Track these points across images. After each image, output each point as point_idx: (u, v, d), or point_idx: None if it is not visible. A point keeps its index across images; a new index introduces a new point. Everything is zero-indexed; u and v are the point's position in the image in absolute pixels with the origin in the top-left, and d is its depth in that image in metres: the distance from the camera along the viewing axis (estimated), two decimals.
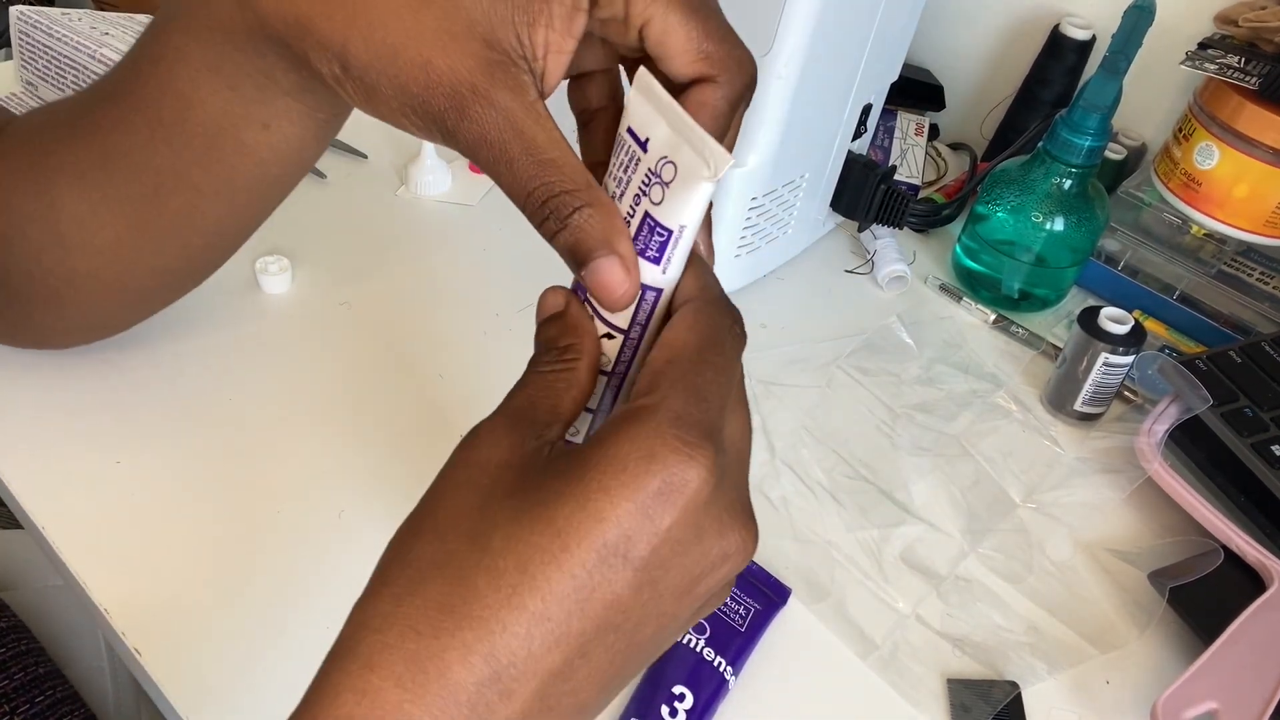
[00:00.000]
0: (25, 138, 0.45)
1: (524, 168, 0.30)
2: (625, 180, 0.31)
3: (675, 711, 0.44)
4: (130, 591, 0.47)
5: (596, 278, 0.30)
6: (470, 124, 0.30)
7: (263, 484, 0.52)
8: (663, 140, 0.29)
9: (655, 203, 0.30)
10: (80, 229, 0.44)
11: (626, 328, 0.32)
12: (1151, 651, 0.52)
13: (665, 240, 0.30)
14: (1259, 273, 0.70)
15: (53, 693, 0.61)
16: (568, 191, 0.30)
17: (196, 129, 0.40)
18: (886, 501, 0.57)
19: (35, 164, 0.44)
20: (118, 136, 0.41)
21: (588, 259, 0.30)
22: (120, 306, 0.50)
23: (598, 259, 0.30)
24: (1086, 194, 0.67)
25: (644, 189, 0.30)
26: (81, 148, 0.42)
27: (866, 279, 0.73)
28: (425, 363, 0.60)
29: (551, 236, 0.31)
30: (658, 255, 0.30)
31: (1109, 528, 0.58)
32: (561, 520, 0.26)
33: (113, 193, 0.43)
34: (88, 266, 0.45)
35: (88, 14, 0.71)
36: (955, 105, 0.89)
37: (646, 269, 0.31)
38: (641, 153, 0.30)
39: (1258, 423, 0.57)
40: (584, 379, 0.31)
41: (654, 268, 0.31)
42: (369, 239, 0.69)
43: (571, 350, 0.31)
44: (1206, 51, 0.68)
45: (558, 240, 0.31)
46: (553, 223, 0.30)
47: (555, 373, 0.31)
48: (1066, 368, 0.62)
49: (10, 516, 0.52)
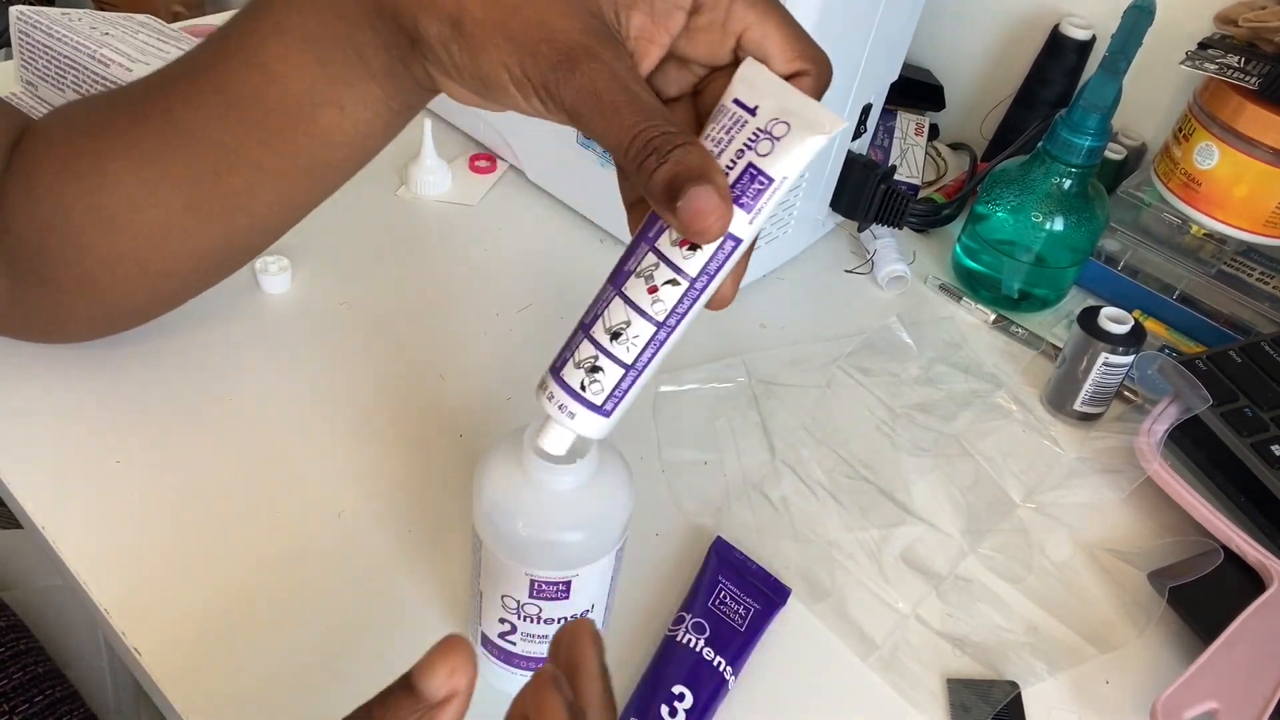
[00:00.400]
0: (73, 126, 0.46)
1: (629, 114, 0.32)
2: (725, 141, 0.33)
3: (675, 711, 0.44)
4: (130, 591, 0.47)
5: (692, 204, 0.30)
6: (580, 76, 0.33)
7: (263, 484, 0.52)
8: (776, 107, 0.33)
9: (761, 154, 0.32)
10: (130, 208, 0.44)
11: (696, 275, 0.33)
12: (1151, 651, 0.52)
13: (764, 188, 0.32)
14: (1259, 272, 0.70)
15: (52, 692, 0.61)
16: (670, 132, 0.32)
17: (273, 105, 0.41)
18: (886, 501, 0.57)
19: (86, 148, 0.44)
20: (187, 113, 0.42)
21: (685, 188, 0.31)
22: (152, 292, 0.50)
23: (695, 187, 0.30)
24: (1086, 194, 0.67)
25: (750, 144, 0.33)
26: (144, 128, 0.43)
27: (866, 279, 0.73)
28: (425, 363, 0.60)
29: (650, 174, 0.32)
30: (752, 202, 0.32)
31: (1109, 528, 0.58)
32: None
33: (171, 171, 0.43)
34: (131, 247, 0.46)
35: (88, 14, 0.71)
36: (955, 105, 0.89)
37: (738, 217, 0.32)
38: (749, 116, 0.33)
39: (1257, 422, 0.57)
40: None
41: (744, 215, 0.32)
42: (369, 239, 0.69)
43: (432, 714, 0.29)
44: (1206, 51, 0.68)
45: (657, 175, 0.31)
46: (654, 159, 0.31)
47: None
48: (1066, 368, 0.62)
49: (10, 516, 0.52)
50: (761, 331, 0.67)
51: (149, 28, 0.72)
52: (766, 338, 0.67)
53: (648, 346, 0.34)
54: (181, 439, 0.53)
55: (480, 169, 0.76)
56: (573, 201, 0.73)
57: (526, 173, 0.75)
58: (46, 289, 0.48)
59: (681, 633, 0.47)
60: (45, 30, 0.68)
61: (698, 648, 0.47)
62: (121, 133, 0.44)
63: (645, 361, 0.34)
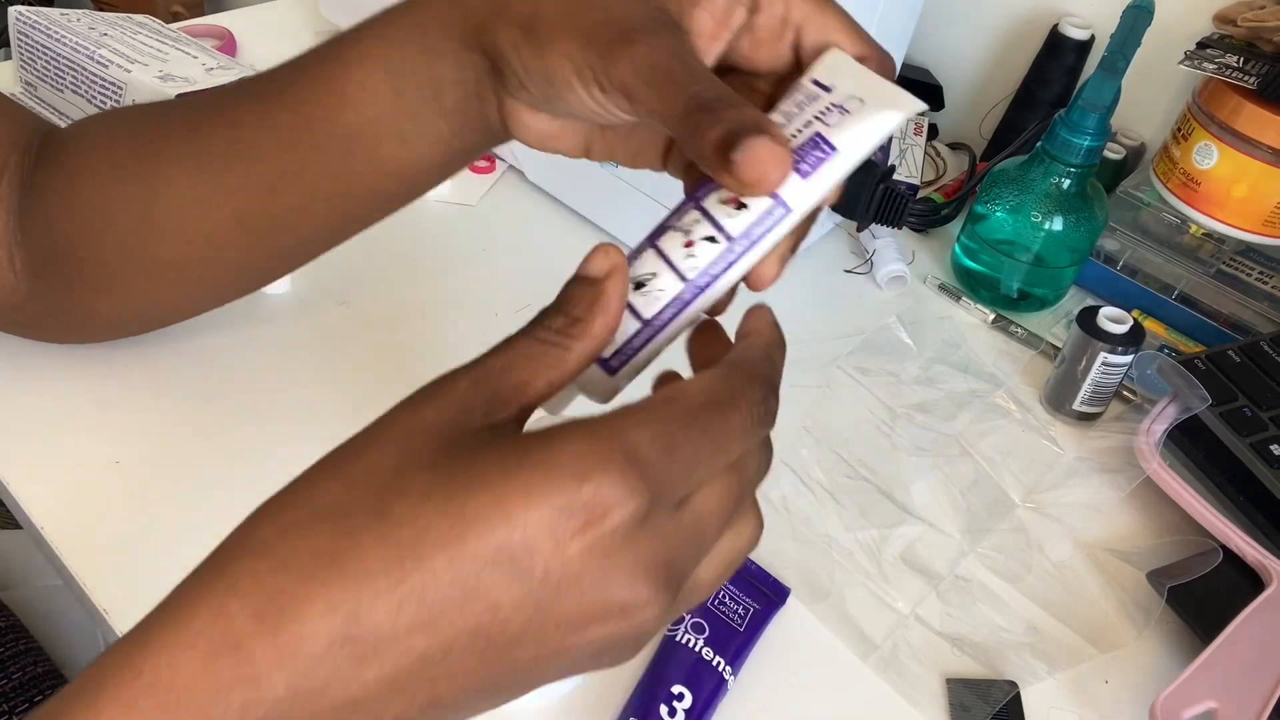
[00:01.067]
0: (127, 130, 0.46)
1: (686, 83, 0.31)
2: (795, 114, 0.33)
3: (674, 711, 0.45)
4: (130, 591, 0.47)
5: (750, 153, 0.29)
6: (638, 49, 0.32)
7: (263, 484, 0.52)
8: (853, 86, 0.33)
9: (829, 125, 0.31)
10: (179, 217, 0.45)
11: (737, 235, 0.31)
12: (1150, 651, 0.52)
13: (825, 157, 0.31)
14: (1258, 272, 0.70)
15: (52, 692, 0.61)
16: (726, 96, 0.31)
17: (340, 130, 0.41)
18: (886, 501, 0.57)
19: (142, 155, 0.45)
20: (253, 132, 0.42)
21: (740, 140, 0.29)
22: (185, 299, 0.50)
23: (751, 137, 0.29)
24: (1085, 194, 0.67)
25: (821, 117, 0.32)
26: (207, 139, 0.43)
27: (866, 279, 0.73)
28: (425, 363, 0.60)
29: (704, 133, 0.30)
30: (810, 169, 0.31)
31: (1108, 527, 0.58)
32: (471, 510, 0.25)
33: (226, 184, 0.43)
34: (171, 255, 0.46)
35: (87, 14, 0.71)
36: (954, 105, 0.89)
37: (793, 181, 0.31)
38: (824, 93, 0.33)
39: (1257, 422, 0.57)
40: (571, 365, 0.29)
41: (799, 180, 0.31)
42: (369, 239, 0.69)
43: (578, 327, 0.30)
44: (1205, 51, 0.68)
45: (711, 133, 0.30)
46: (708, 119, 0.30)
47: (546, 345, 0.29)
48: (1065, 367, 0.62)
49: (10, 516, 0.52)
50: None
51: (148, 28, 0.72)
52: None
53: (670, 304, 0.31)
54: (181, 439, 0.53)
55: (480, 169, 0.76)
56: (573, 201, 0.73)
57: (526, 173, 0.75)
58: (75, 288, 0.48)
59: (681, 633, 0.47)
60: (44, 31, 0.68)
61: (697, 648, 0.47)
62: (182, 140, 0.44)
63: (664, 321, 0.32)
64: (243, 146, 0.43)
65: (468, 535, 0.25)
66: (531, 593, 0.25)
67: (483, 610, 0.25)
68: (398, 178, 0.43)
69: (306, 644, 0.25)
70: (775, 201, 0.31)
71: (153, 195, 0.44)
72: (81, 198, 0.46)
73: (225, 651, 0.25)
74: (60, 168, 0.47)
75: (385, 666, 0.25)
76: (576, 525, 0.25)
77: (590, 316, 0.30)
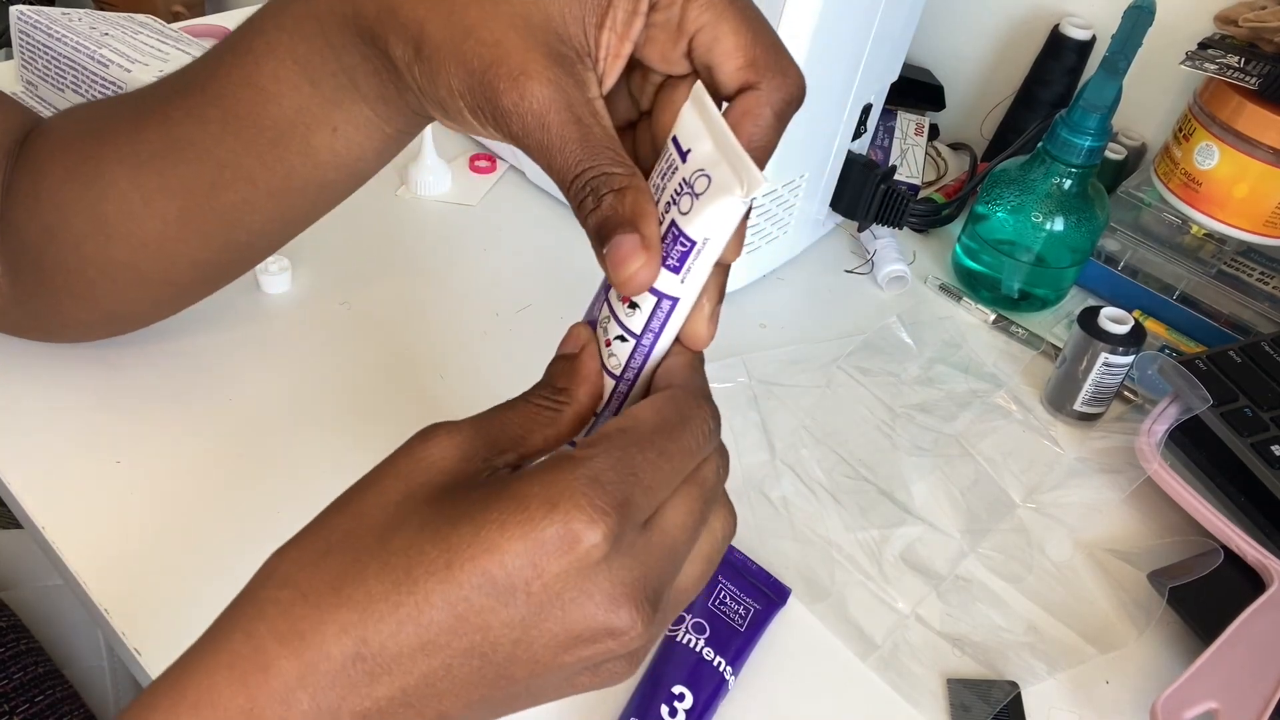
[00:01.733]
0: (78, 130, 0.46)
1: (575, 151, 0.31)
2: (662, 187, 0.32)
3: (675, 711, 0.44)
4: (130, 591, 0.47)
5: (615, 253, 0.30)
6: (531, 101, 0.31)
7: (263, 484, 0.52)
8: (704, 154, 0.30)
9: (683, 212, 0.30)
10: (128, 218, 0.44)
11: (639, 332, 0.32)
12: (1151, 651, 0.52)
13: (687, 251, 0.30)
14: (1259, 273, 0.70)
15: (52, 692, 0.61)
16: (610, 174, 0.31)
17: (268, 124, 0.40)
18: (886, 501, 0.57)
19: (90, 155, 0.44)
20: (187, 127, 0.42)
21: (611, 235, 0.30)
22: (152, 299, 0.50)
23: (620, 235, 0.30)
24: (1086, 194, 0.67)
25: (675, 198, 0.31)
26: (144, 138, 0.43)
27: (866, 279, 0.73)
28: (425, 363, 0.60)
29: (586, 216, 0.31)
30: (678, 265, 0.31)
31: (1109, 528, 0.58)
32: (455, 540, 0.27)
33: (169, 182, 0.43)
34: (128, 257, 0.46)
35: (88, 14, 0.71)
36: (955, 105, 0.89)
37: (666, 277, 0.31)
38: (680, 163, 0.31)
39: (1257, 423, 0.57)
40: (564, 426, 0.33)
41: (673, 277, 0.31)
42: (369, 239, 0.69)
43: (565, 395, 0.33)
44: (1206, 51, 0.68)
45: (590, 220, 0.31)
46: (590, 201, 0.31)
47: (539, 408, 0.32)
48: (1066, 368, 0.62)
49: (10, 516, 0.52)
50: (761, 331, 0.67)
51: (149, 28, 0.72)
52: (766, 338, 0.67)
53: (611, 397, 0.34)
54: (182, 439, 0.53)
55: (480, 169, 0.76)
56: None
57: (526, 173, 0.75)
58: (46, 291, 0.48)
59: (681, 633, 0.47)
60: (45, 30, 0.68)
61: (697, 648, 0.47)
62: (124, 140, 0.44)
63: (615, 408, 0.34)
64: (179, 143, 0.42)
65: (454, 562, 0.27)
66: (517, 614, 0.28)
67: (474, 631, 0.28)
68: (336, 167, 0.42)
69: (325, 663, 0.27)
70: (657, 297, 0.31)
71: (101, 197, 0.44)
72: (42, 202, 0.46)
73: (257, 671, 0.27)
74: (28, 170, 0.46)
75: (395, 683, 0.28)
76: (551, 550, 0.27)
77: (575, 386, 0.33)
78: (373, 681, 0.28)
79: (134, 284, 0.48)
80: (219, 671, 0.28)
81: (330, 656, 0.27)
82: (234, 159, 0.42)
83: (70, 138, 0.46)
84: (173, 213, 0.44)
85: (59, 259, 0.46)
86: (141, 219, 0.44)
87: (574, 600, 0.28)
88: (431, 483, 0.29)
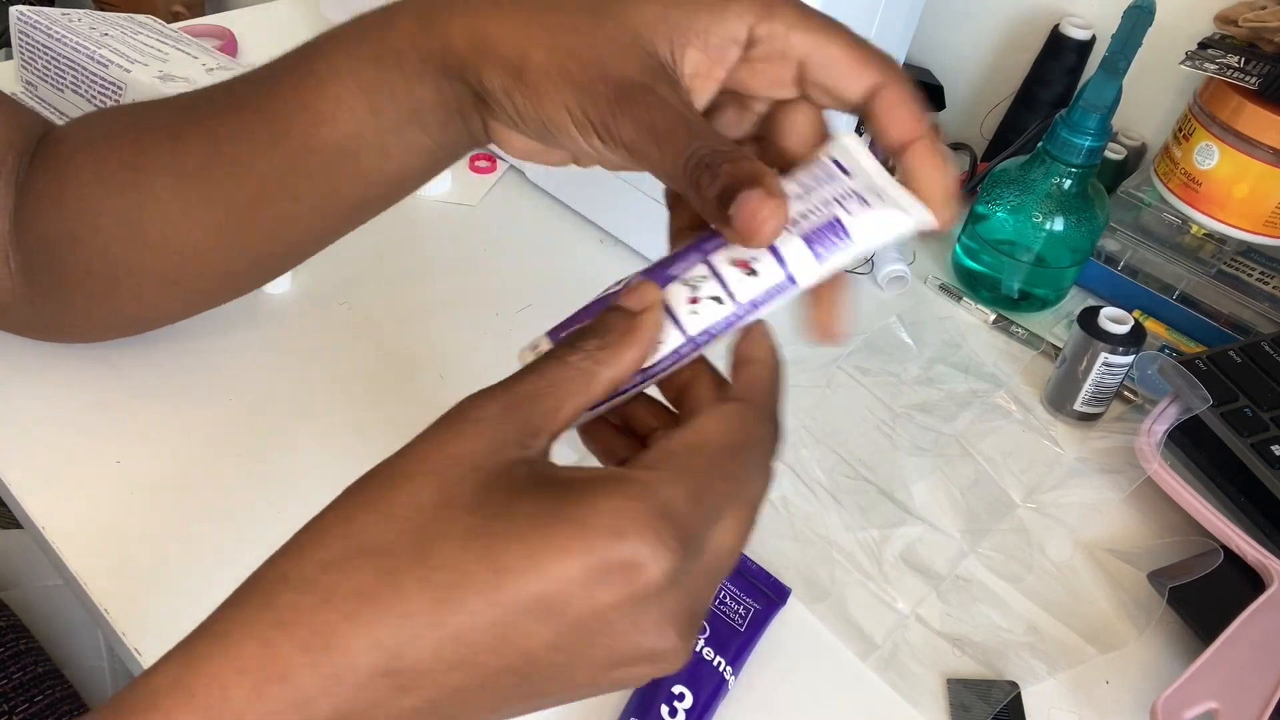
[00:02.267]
0: (108, 135, 0.46)
1: (682, 137, 0.32)
2: (813, 187, 0.33)
3: (675, 711, 0.44)
4: (130, 591, 0.47)
5: (744, 207, 0.30)
6: (637, 109, 0.33)
7: (263, 484, 0.52)
8: (869, 180, 0.33)
9: (849, 212, 0.32)
10: (165, 227, 0.44)
11: (745, 300, 0.32)
12: (1151, 651, 0.52)
13: (839, 243, 0.32)
14: (1259, 272, 0.70)
15: (52, 692, 0.61)
16: (721, 150, 0.31)
17: (319, 145, 0.41)
18: (886, 501, 0.57)
19: (126, 162, 0.44)
20: (235, 145, 0.42)
21: (736, 192, 0.30)
22: (175, 303, 0.50)
23: (746, 190, 0.30)
24: (1086, 194, 0.67)
25: (841, 201, 0.32)
26: (187, 150, 0.43)
27: (866, 279, 0.73)
28: (425, 363, 0.60)
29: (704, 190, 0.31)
30: (825, 251, 0.32)
31: (1109, 528, 0.58)
32: (508, 560, 0.26)
33: (211, 195, 0.43)
34: (160, 265, 0.46)
35: (88, 14, 0.71)
36: (955, 105, 0.88)
37: (806, 258, 0.32)
38: (844, 177, 0.33)
39: (1257, 423, 0.57)
40: (596, 391, 0.30)
41: (813, 261, 0.32)
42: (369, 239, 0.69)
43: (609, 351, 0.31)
44: (1206, 51, 0.68)
45: (710, 189, 0.31)
46: (706, 176, 0.31)
47: (574, 369, 0.30)
48: (1066, 368, 0.62)
49: (10, 516, 0.52)
50: None
51: (149, 28, 0.72)
52: None
53: (668, 356, 0.32)
54: (181, 439, 0.53)
55: (480, 169, 0.76)
56: (573, 202, 0.73)
57: (526, 173, 0.75)
58: (63, 291, 0.48)
59: None
60: (45, 30, 0.68)
61: (698, 647, 0.47)
62: (165, 150, 0.44)
63: (657, 370, 0.32)
64: (225, 158, 0.43)
65: (504, 584, 0.26)
66: (564, 639, 0.27)
67: (516, 652, 0.27)
68: (382, 185, 0.43)
69: (350, 675, 0.26)
70: (785, 275, 0.32)
71: (138, 207, 0.44)
72: (67, 205, 0.46)
73: (274, 680, 0.26)
74: (49, 172, 0.46)
75: (424, 695, 0.27)
76: (610, 580, 0.26)
77: (623, 344, 0.31)
78: (401, 694, 0.27)
79: (160, 290, 0.48)
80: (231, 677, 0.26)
81: (358, 669, 0.26)
82: (280, 176, 0.42)
83: (98, 142, 0.46)
84: (212, 225, 0.44)
85: (83, 261, 0.46)
86: (180, 229, 0.44)
87: (623, 630, 0.27)
88: (467, 481, 0.28)
